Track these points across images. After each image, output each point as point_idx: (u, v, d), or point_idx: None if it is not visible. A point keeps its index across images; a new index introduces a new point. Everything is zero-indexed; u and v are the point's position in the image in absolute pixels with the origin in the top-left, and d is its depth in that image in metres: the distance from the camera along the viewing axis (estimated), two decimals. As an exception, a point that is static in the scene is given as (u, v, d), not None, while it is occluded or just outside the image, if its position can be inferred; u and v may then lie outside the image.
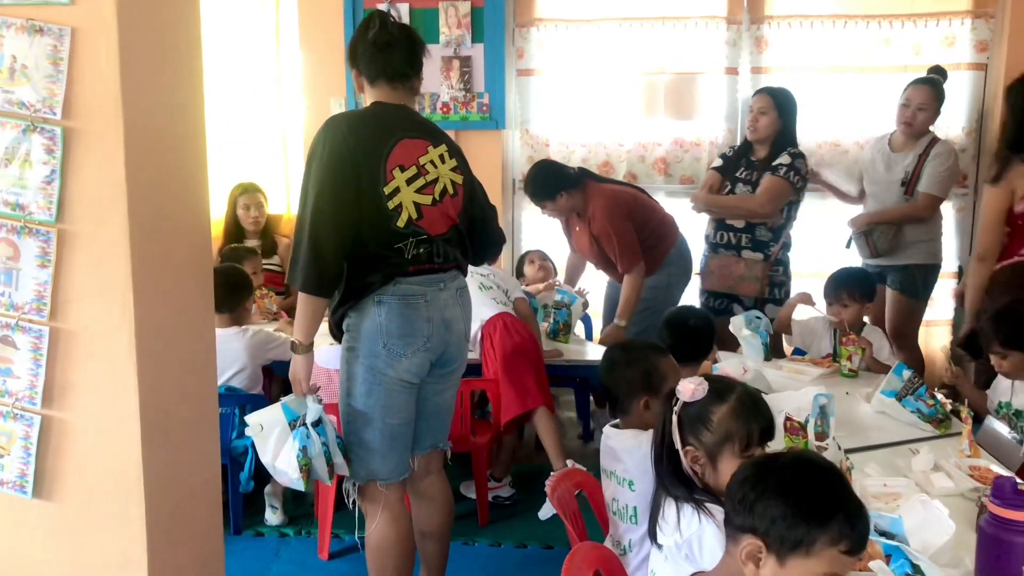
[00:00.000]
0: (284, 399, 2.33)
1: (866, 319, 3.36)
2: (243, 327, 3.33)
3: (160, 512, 1.78)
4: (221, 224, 4.34)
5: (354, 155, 2.25)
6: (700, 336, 2.90)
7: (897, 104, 3.77)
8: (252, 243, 4.26)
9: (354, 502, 2.47)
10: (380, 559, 2.45)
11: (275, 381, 3.89)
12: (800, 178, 3.65)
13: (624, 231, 3.63)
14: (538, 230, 4.62)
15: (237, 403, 3.20)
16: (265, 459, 2.31)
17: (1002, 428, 2.64)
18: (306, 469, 2.27)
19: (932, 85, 3.72)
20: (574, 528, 2.14)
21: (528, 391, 3.31)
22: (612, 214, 3.63)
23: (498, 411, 3.39)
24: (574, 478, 2.29)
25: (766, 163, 3.67)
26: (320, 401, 2.34)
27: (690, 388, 1.71)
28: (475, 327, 3.37)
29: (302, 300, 2.30)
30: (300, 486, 2.29)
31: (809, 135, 4.06)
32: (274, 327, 3.64)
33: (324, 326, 2.89)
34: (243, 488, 3.18)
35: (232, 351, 3.22)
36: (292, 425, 2.27)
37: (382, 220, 2.29)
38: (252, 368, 3.29)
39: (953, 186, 3.87)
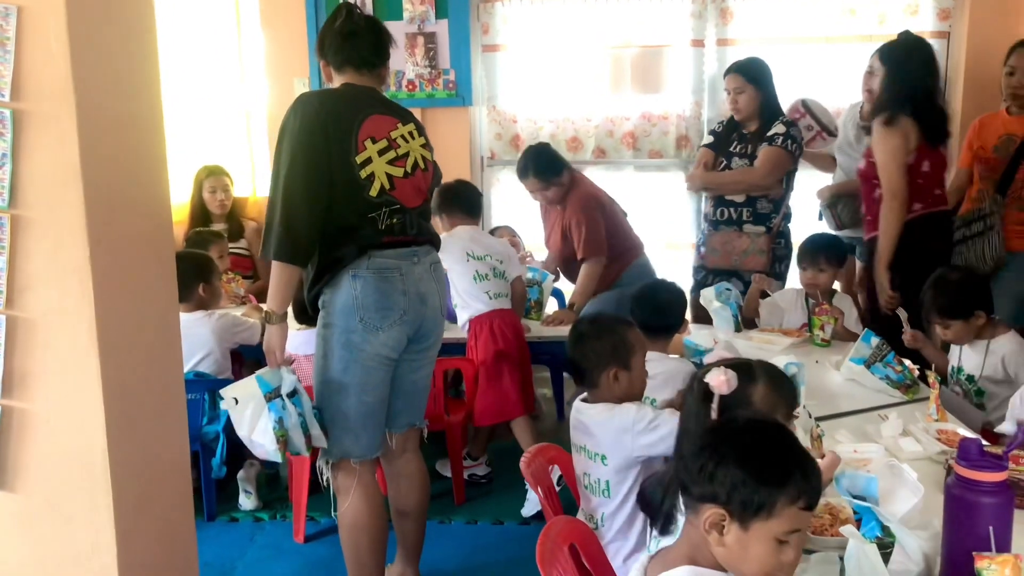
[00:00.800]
0: (258, 372, 2.33)
1: (836, 286, 3.39)
2: (209, 311, 3.28)
3: (128, 501, 1.75)
4: (187, 208, 4.27)
5: (324, 126, 2.27)
6: (671, 309, 2.90)
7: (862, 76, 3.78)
8: (219, 227, 4.21)
9: (328, 481, 2.48)
10: (354, 537, 2.46)
11: (245, 365, 3.86)
12: (797, 146, 3.64)
13: (594, 220, 3.64)
14: (507, 208, 4.60)
15: (206, 388, 3.17)
16: (241, 432, 2.32)
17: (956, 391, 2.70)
18: (283, 440, 2.28)
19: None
20: (549, 503, 2.15)
21: (508, 401, 3.33)
22: (587, 204, 3.67)
23: (471, 390, 3.39)
24: (548, 453, 2.29)
25: (759, 135, 3.63)
26: (293, 372, 2.34)
27: (722, 380, 1.64)
28: (464, 316, 3.38)
29: (275, 269, 2.30)
30: (277, 457, 2.31)
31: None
32: (241, 311, 3.60)
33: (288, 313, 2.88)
34: (215, 474, 3.16)
35: (198, 335, 3.18)
36: (267, 397, 2.29)
37: (354, 189, 2.30)
38: (220, 352, 3.25)
39: None
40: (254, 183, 4.60)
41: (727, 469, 1.27)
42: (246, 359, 3.71)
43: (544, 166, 3.69)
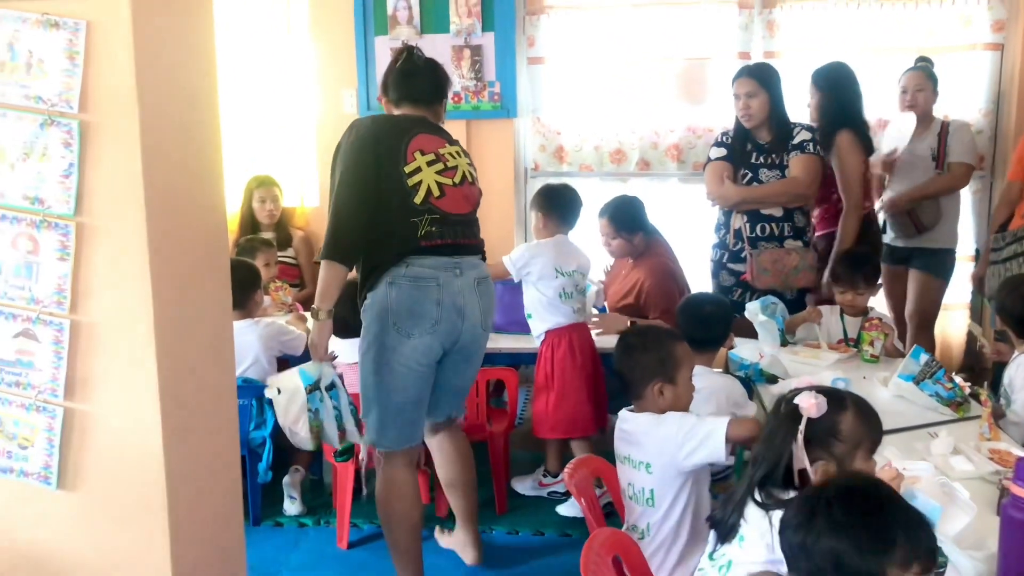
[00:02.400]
0: (301, 365, 2.50)
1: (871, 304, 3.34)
2: (255, 319, 3.34)
3: (181, 502, 1.79)
4: (236, 217, 4.35)
5: (375, 142, 2.46)
6: (715, 322, 2.89)
7: (897, 96, 3.88)
8: (267, 236, 4.28)
9: (362, 461, 2.74)
10: (383, 513, 2.65)
11: (291, 373, 3.91)
12: (822, 152, 3.60)
13: (670, 291, 3.57)
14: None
15: (254, 394, 3.22)
16: (283, 421, 2.50)
17: None
18: (316, 431, 2.45)
19: (921, 69, 3.85)
20: (592, 514, 2.15)
21: (582, 416, 3.31)
22: (664, 274, 3.61)
23: (514, 400, 3.40)
24: (591, 464, 2.29)
25: (780, 143, 3.53)
26: (336, 368, 2.50)
27: (813, 404, 1.63)
28: (542, 328, 3.34)
29: (323, 269, 2.45)
30: (310, 446, 2.52)
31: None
32: (286, 319, 3.65)
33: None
34: (261, 479, 3.21)
35: (246, 343, 3.23)
36: (308, 389, 2.43)
37: (401, 195, 2.46)
38: (266, 359, 3.30)
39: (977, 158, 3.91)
40: (302, 193, 4.67)
41: (825, 543, 1.22)
42: (292, 366, 3.77)
43: (622, 216, 3.64)
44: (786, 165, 3.53)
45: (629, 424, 2.21)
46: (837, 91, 3.67)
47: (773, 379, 2.79)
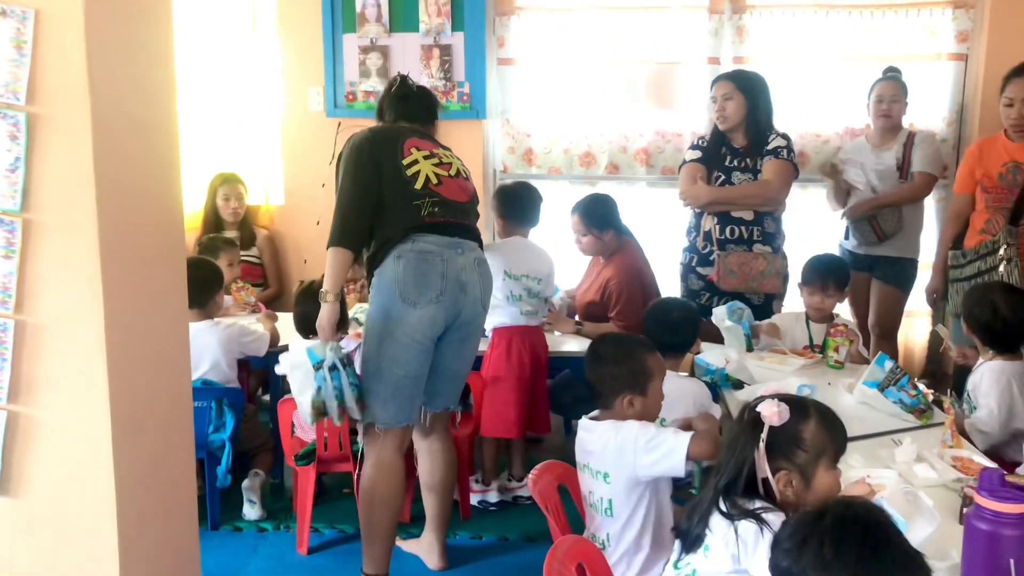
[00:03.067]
0: (309, 344, 2.61)
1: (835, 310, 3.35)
2: (215, 320, 3.26)
3: (132, 510, 1.73)
4: (200, 215, 4.27)
5: (373, 144, 2.64)
6: (683, 328, 2.87)
7: (870, 103, 3.91)
8: (231, 234, 4.20)
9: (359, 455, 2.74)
10: (366, 500, 2.67)
11: (252, 375, 3.85)
12: (796, 159, 3.63)
13: (633, 293, 3.51)
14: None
15: (213, 397, 3.15)
16: (296, 397, 2.64)
17: None
18: (318, 408, 2.56)
19: (896, 80, 3.89)
20: (556, 521, 2.12)
21: (505, 420, 3.30)
22: (630, 274, 3.55)
23: (479, 404, 3.36)
24: (555, 470, 2.26)
25: (755, 149, 3.56)
26: (341, 348, 2.59)
27: (775, 412, 1.60)
28: (489, 323, 3.26)
29: (330, 255, 2.57)
30: (309, 420, 2.63)
31: (791, 126, 4.02)
32: (252, 320, 3.58)
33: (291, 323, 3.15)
34: (220, 483, 3.13)
35: (205, 344, 3.15)
36: (316, 368, 2.55)
37: (401, 184, 2.61)
38: (226, 362, 3.22)
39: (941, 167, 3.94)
40: (267, 192, 4.59)
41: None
42: (253, 367, 3.70)
43: (592, 213, 3.60)
44: (759, 170, 3.55)
45: (589, 433, 2.18)
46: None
47: (739, 384, 2.79)
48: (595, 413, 2.22)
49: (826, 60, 4.30)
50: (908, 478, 2.06)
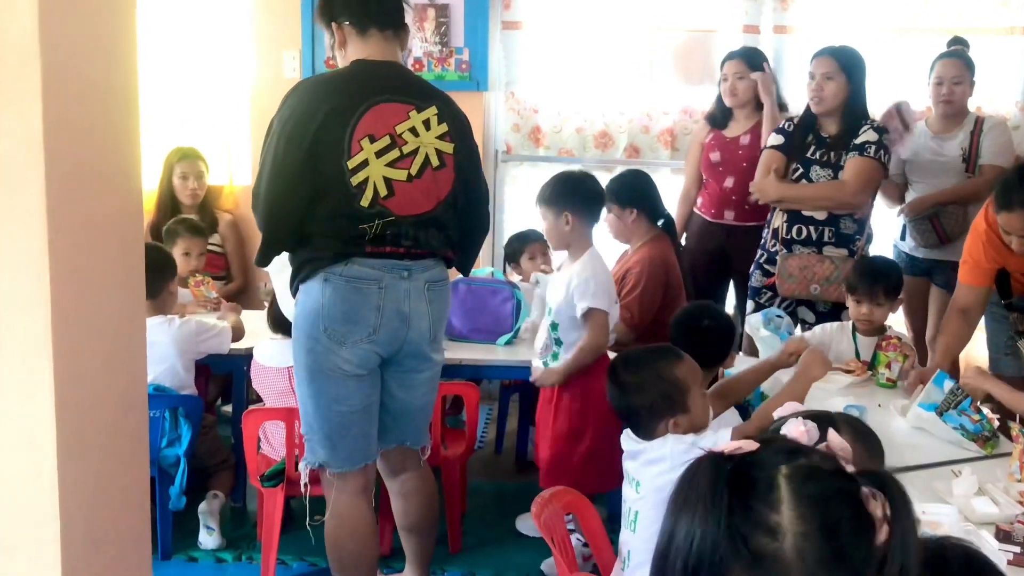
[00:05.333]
0: None
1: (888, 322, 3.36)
2: (168, 316, 3.26)
3: (77, 533, 1.74)
4: (153, 196, 4.28)
5: (315, 127, 2.37)
6: (713, 338, 2.87)
7: (929, 84, 3.92)
8: (190, 218, 4.21)
9: (306, 487, 2.64)
10: (334, 549, 2.61)
11: (212, 381, 3.86)
12: (888, 158, 3.62)
13: (648, 291, 3.53)
14: (522, 211, 4.59)
15: (167, 405, 3.16)
16: (281, 298, 2.70)
17: None
18: None
19: (959, 56, 3.89)
20: (563, 557, 2.13)
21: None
22: (654, 270, 3.56)
23: (474, 420, 3.38)
24: (563, 498, 2.28)
25: (843, 140, 3.57)
26: (265, 285, 2.68)
27: (802, 431, 1.63)
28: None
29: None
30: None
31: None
32: (215, 317, 3.57)
33: (262, 321, 3.14)
34: (173, 505, 3.15)
35: (158, 344, 3.16)
36: None
37: (343, 199, 2.41)
38: (182, 364, 3.23)
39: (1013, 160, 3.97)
40: (231, 170, 4.61)
41: None
42: (214, 372, 3.71)
43: (618, 187, 3.64)
44: (841, 166, 3.56)
45: (634, 440, 2.22)
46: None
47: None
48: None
49: (880, 32, 4.33)
50: (967, 514, 2.08)
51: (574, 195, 3.10)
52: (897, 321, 3.79)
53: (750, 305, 3.80)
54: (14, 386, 1.68)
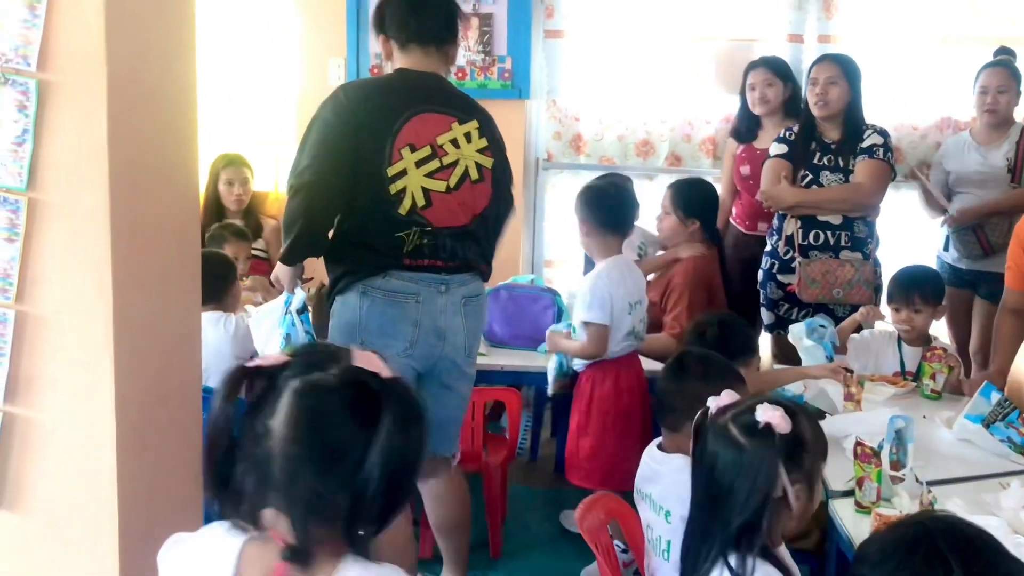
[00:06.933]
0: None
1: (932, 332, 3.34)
2: (223, 314, 3.29)
3: (135, 528, 1.79)
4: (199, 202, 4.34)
5: (358, 129, 2.38)
6: (729, 347, 2.78)
7: (974, 94, 3.90)
8: (235, 223, 4.27)
9: None
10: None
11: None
12: (893, 159, 3.66)
13: (693, 304, 3.50)
14: (563, 219, 4.61)
15: (216, 407, 3.20)
16: (258, 345, 2.70)
17: None
18: None
19: (1005, 66, 3.87)
20: (607, 563, 2.15)
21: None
22: (696, 280, 3.55)
23: (516, 426, 3.40)
24: (607, 504, 2.29)
25: (849, 144, 3.61)
26: (309, 290, 2.65)
27: (778, 415, 1.63)
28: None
29: (279, 266, 2.62)
30: None
31: (884, 116, 4.04)
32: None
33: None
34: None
35: (212, 344, 3.20)
36: (286, 311, 2.58)
37: (382, 206, 2.41)
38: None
39: None
40: (277, 178, 4.67)
41: None
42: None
43: (686, 193, 3.67)
44: (851, 170, 3.60)
45: (656, 464, 2.21)
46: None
47: (819, 414, 2.79)
48: (661, 440, 2.25)
49: (926, 41, 4.31)
50: (1016, 527, 2.07)
51: (591, 206, 3.16)
52: (941, 332, 3.76)
53: (768, 316, 3.80)
54: (77, 385, 1.74)
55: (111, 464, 1.73)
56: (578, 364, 3.20)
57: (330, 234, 2.49)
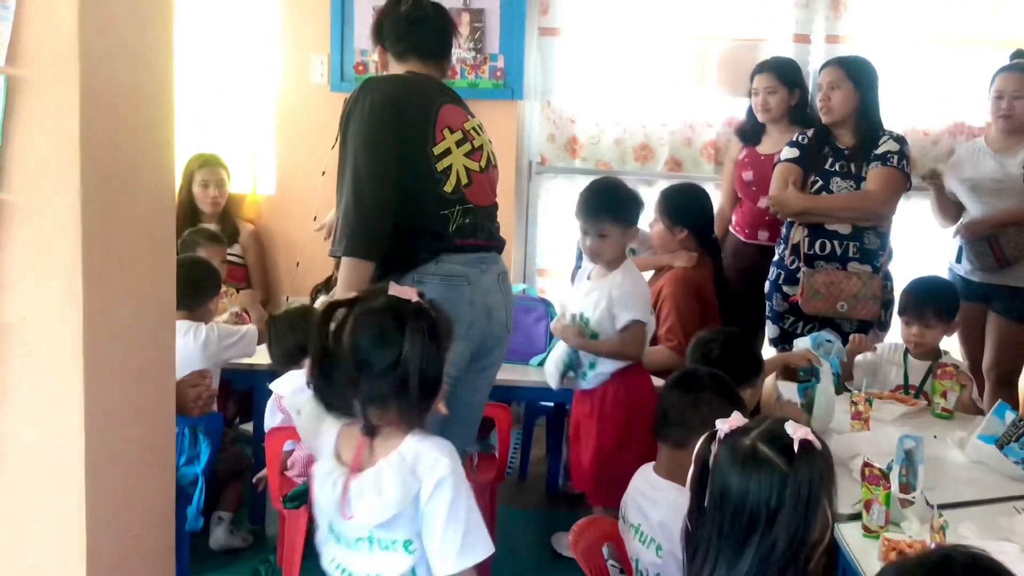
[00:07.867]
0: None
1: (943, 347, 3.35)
2: (192, 324, 3.29)
3: (103, 552, 1.79)
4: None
5: (397, 112, 2.53)
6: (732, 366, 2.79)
7: (989, 98, 3.91)
8: (210, 227, 4.27)
9: None
10: None
11: (231, 398, 3.91)
12: (909, 168, 3.67)
13: (689, 312, 3.54)
14: (556, 224, 4.63)
15: (188, 422, 3.20)
16: (306, 440, 2.61)
17: None
18: None
19: (1022, 70, 3.87)
20: (601, 587, 2.16)
21: None
22: (687, 289, 3.58)
23: (506, 443, 3.40)
24: (601, 527, 2.30)
25: (862, 150, 3.62)
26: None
27: (812, 434, 1.69)
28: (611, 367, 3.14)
29: (346, 266, 2.51)
30: None
31: (895, 121, 4.06)
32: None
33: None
34: (190, 525, 3.17)
35: (182, 353, 3.19)
36: None
37: (429, 183, 2.56)
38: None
39: None
40: (254, 179, 4.67)
41: None
42: (234, 388, 3.76)
43: (673, 199, 3.71)
44: (864, 177, 3.60)
45: (648, 488, 2.21)
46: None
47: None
48: (654, 464, 2.25)
49: (939, 43, 4.33)
50: (1029, 552, 2.08)
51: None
52: (953, 348, 3.78)
53: (773, 329, 3.81)
54: (43, 396, 1.73)
55: (79, 483, 1.73)
56: (601, 369, 3.14)
57: (383, 222, 2.52)
